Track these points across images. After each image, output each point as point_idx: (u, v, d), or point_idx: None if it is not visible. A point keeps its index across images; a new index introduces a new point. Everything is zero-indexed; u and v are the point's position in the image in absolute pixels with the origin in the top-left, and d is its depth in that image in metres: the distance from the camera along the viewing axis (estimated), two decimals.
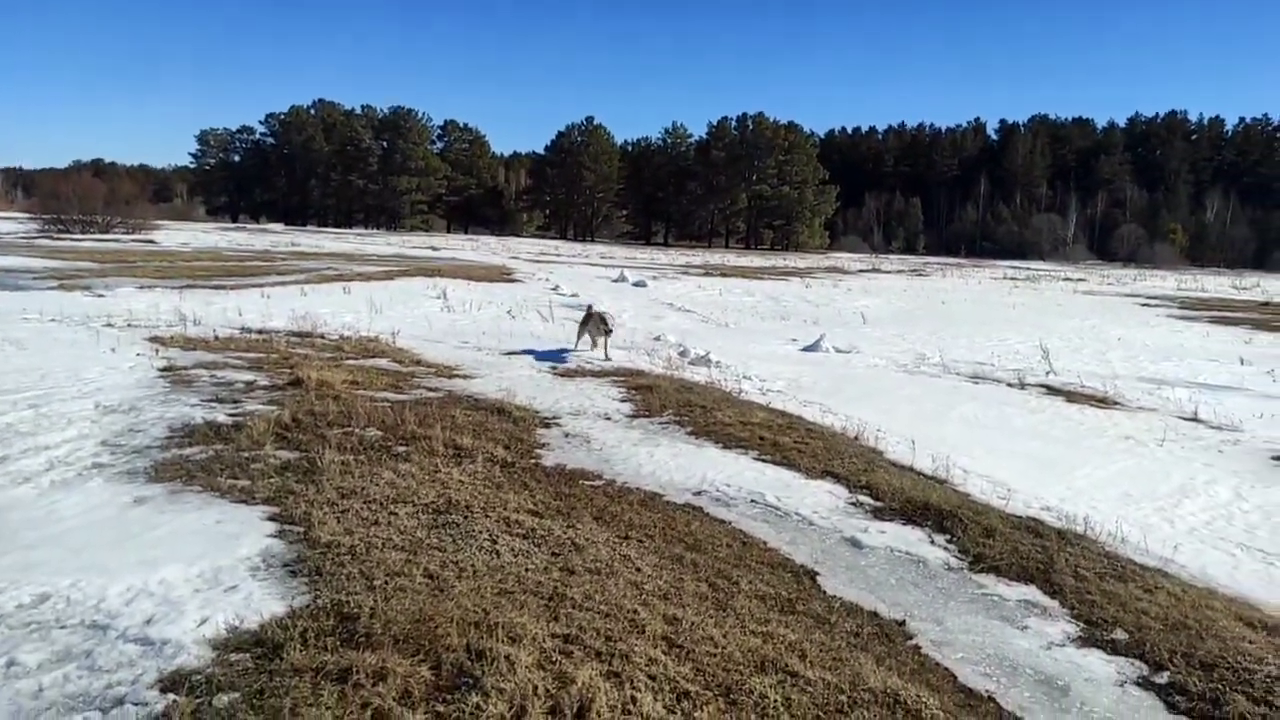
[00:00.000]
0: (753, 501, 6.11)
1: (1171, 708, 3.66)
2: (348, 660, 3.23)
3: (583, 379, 10.52)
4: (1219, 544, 6.10)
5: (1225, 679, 3.83)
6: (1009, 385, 12.61)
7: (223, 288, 19.56)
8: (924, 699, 3.38)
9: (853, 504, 6.22)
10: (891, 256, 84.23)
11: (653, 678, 3.27)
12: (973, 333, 19.17)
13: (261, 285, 20.38)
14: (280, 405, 7.52)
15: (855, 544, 5.41)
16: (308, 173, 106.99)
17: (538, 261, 41.16)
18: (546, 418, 8.19)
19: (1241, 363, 15.93)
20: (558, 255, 50.51)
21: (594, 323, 12.55)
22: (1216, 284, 48.26)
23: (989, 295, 33.08)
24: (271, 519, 4.87)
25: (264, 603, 3.80)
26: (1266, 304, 33.03)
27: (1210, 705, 3.64)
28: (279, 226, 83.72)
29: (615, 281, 29.64)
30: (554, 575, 4.30)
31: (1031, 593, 4.79)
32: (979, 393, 11.90)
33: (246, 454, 6.11)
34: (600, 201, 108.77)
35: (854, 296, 28.83)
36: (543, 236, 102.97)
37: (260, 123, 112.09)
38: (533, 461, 6.60)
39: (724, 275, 37.63)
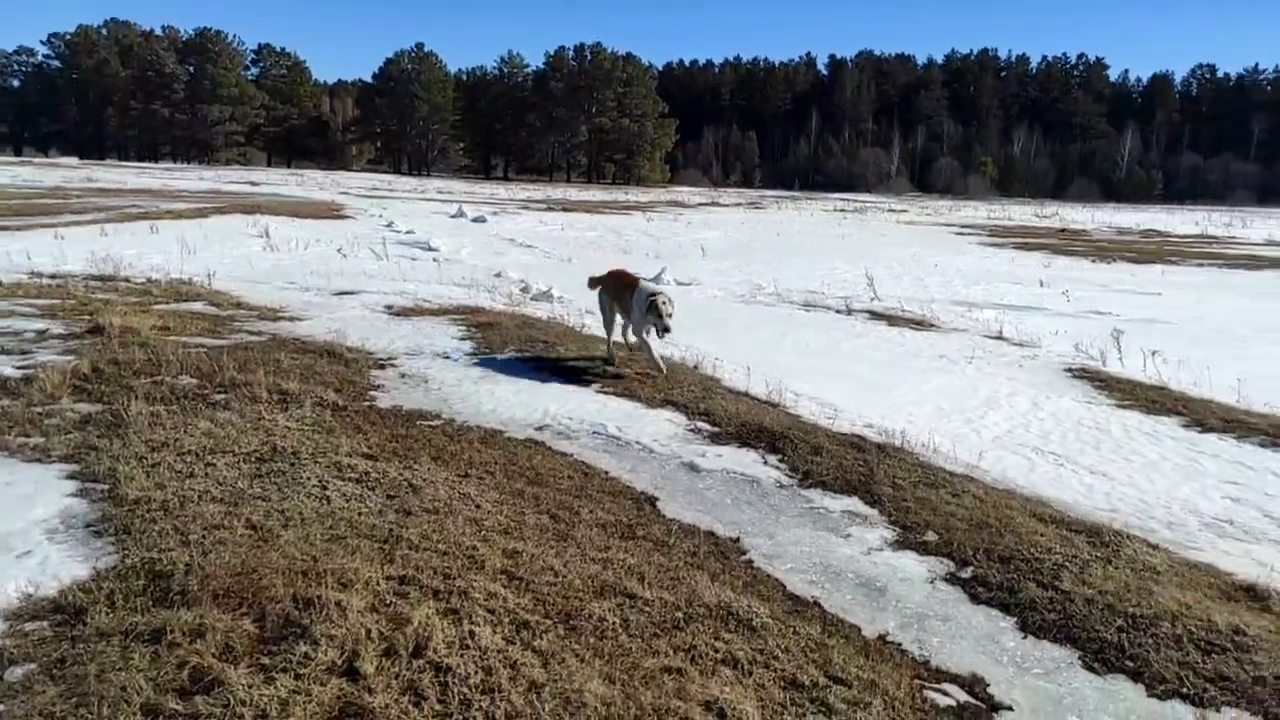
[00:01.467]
0: (595, 433, 6.15)
1: (974, 598, 4.00)
2: (160, 620, 3.03)
3: (420, 318, 10.20)
4: (1018, 450, 6.68)
5: (1020, 569, 4.22)
6: (838, 312, 13.24)
7: (6, 229, 17.55)
8: (755, 609, 3.54)
9: (692, 430, 6.38)
10: (730, 190, 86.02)
11: (492, 611, 3.26)
12: (805, 263, 19.94)
13: (54, 225, 18.43)
14: (78, 355, 6.87)
15: (693, 468, 5.56)
16: (103, 101, 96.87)
17: (370, 197, 39.32)
18: (381, 359, 7.89)
19: (1041, 285, 17.37)
20: (391, 190, 48.43)
21: (642, 307, 7.58)
22: (1021, 213, 52.27)
23: (820, 227, 34.44)
24: (71, 477, 4.46)
25: (63, 566, 3.49)
26: (1063, 230, 36.13)
27: (1007, 594, 4.01)
28: (73, 160, 75.63)
29: (454, 217, 28.77)
30: (389, 518, 4.18)
31: (854, 504, 5.09)
32: (810, 320, 12.43)
33: (39, 409, 5.56)
34: (435, 134, 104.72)
35: (694, 230, 29.30)
36: (375, 171, 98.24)
37: (42, 43, 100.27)
38: (366, 404, 6.35)
39: (566, 210, 37.29)
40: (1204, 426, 7.46)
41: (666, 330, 7.43)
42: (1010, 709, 3.16)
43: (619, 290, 8.18)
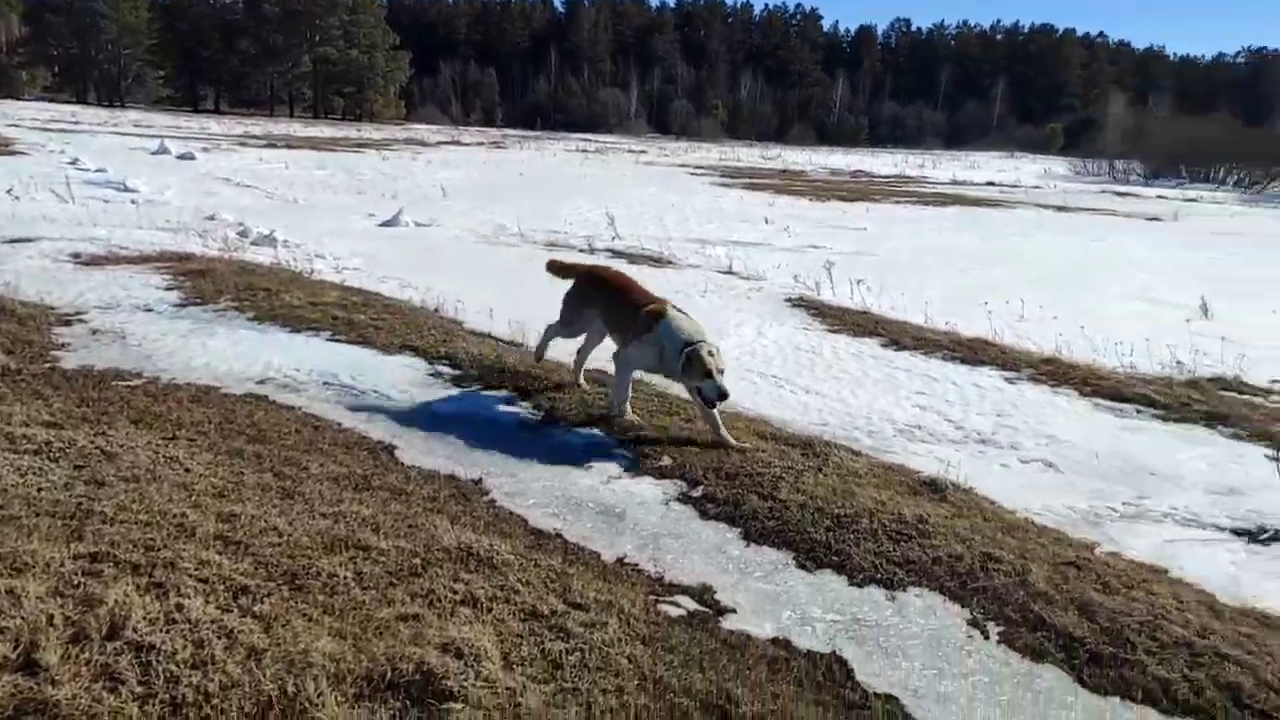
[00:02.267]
0: (326, 384, 5.81)
1: (704, 515, 4.26)
2: None
3: (115, 267, 9.04)
4: (745, 375, 7.15)
5: (744, 484, 4.54)
6: (580, 251, 13.38)
7: None
8: (496, 547, 3.53)
9: (433, 375, 6.20)
10: (471, 128, 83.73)
11: (204, 580, 2.99)
12: (549, 203, 19.93)
13: None
14: None
15: (435, 414, 5.41)
16: None
17: (49, 130, 34.09)
18: (67, 314, 6.92)
19: (766, 222, 18.59)
20: (76, 123, 42.25)
21: (674, 357, 5.07)
22: (749, 155, 55.55)
23: (563, 167, 34.54)
24: None
25: None
26: (784, 172, 38.84)
27: (733, 507, 4.30)
28: None
29: (155, 154, 25.66)
30: (78, 491, 3.69)
31: (596, 436, 5.21)
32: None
33: None
34: (129, 59, 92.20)
35: (434, 169, 28.27)
36: (54, 100, 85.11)
37: None
38: (48, 366, 5.56)
39: (290, 147, 34.51)
40: (899, 345, 8.38)
41: (721, 395, 4.93)
42: (734, 611, 3.40)
43: (614, 307, 5.58)
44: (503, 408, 5.63)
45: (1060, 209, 25.31)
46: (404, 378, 6.04)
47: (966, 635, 3.36)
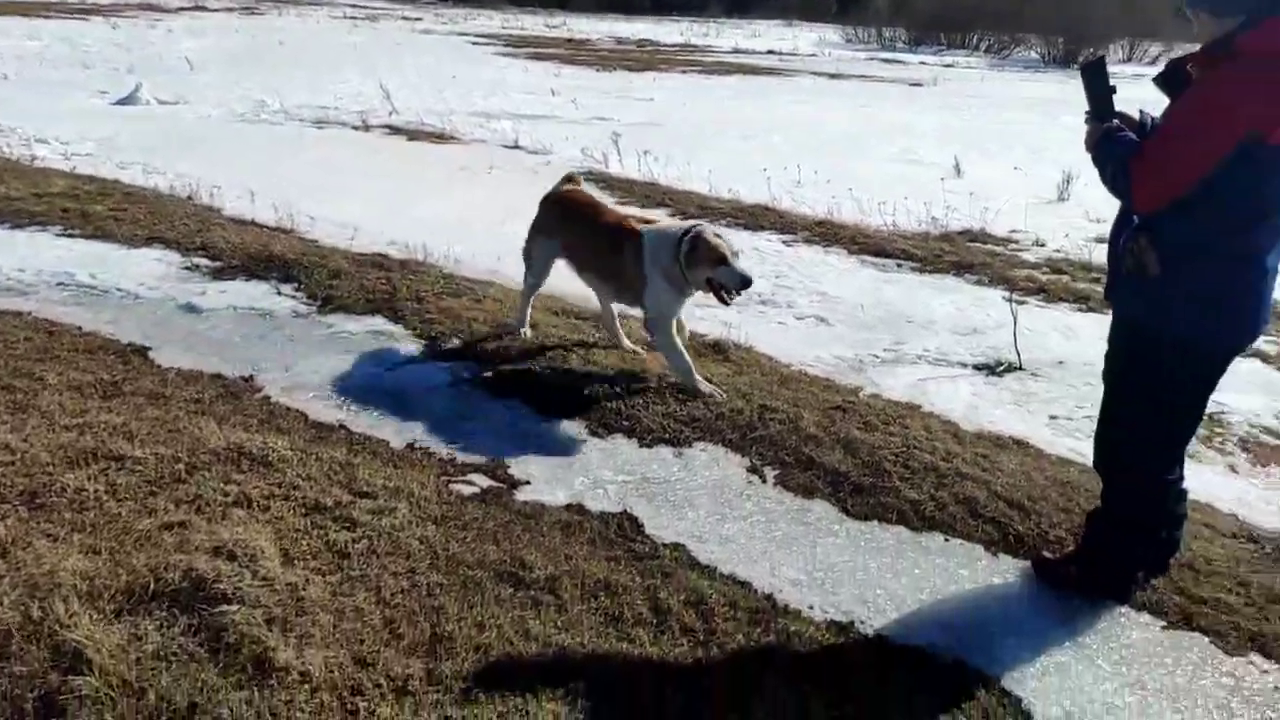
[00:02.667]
0: (60, 285, 5.16)
1: (495, 393, 4.22)
2: None
3: None
4: None
5: (536, 361, 4.52)
6: (354, 128, 12.48)
7: None
8: (272, 444, 3.34)
9: (188, 268, 5.66)
10: None
11: None
12: (315, 76, 18.29)
13: None
14: None
15: (193, 309, 4.97)
16: None
17: None
18: None
19: (553, 94, 18.06)
20: None
21: (665, 264, 4.15)
22: (533, 23, 53.24)
23: (329, 35, 31.67)
24: None
25: None
26: (570, 40, 37.66)
27: (524, 384, 4.28)
28: None
29: None
30: None
31: (378, 323, 4.98)
32: (324, 137, 11.56)
33: None
34: None
35: (177, 38, 25.07)
36: None
37: None
38: None
39: None
40: (685, 215, 8.52)
41: (745, 281, 4.00)
42: (528, 483, 3.44)
43: (586, 240, 4.53)
44: (274, 298, 5.25)
45: (834, 76, 26.27)
46: (154, 272, 5.48)
47: (746, 481, 3.59)
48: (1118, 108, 2.64)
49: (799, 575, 2.99)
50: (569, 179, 5.04)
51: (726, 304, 4.18)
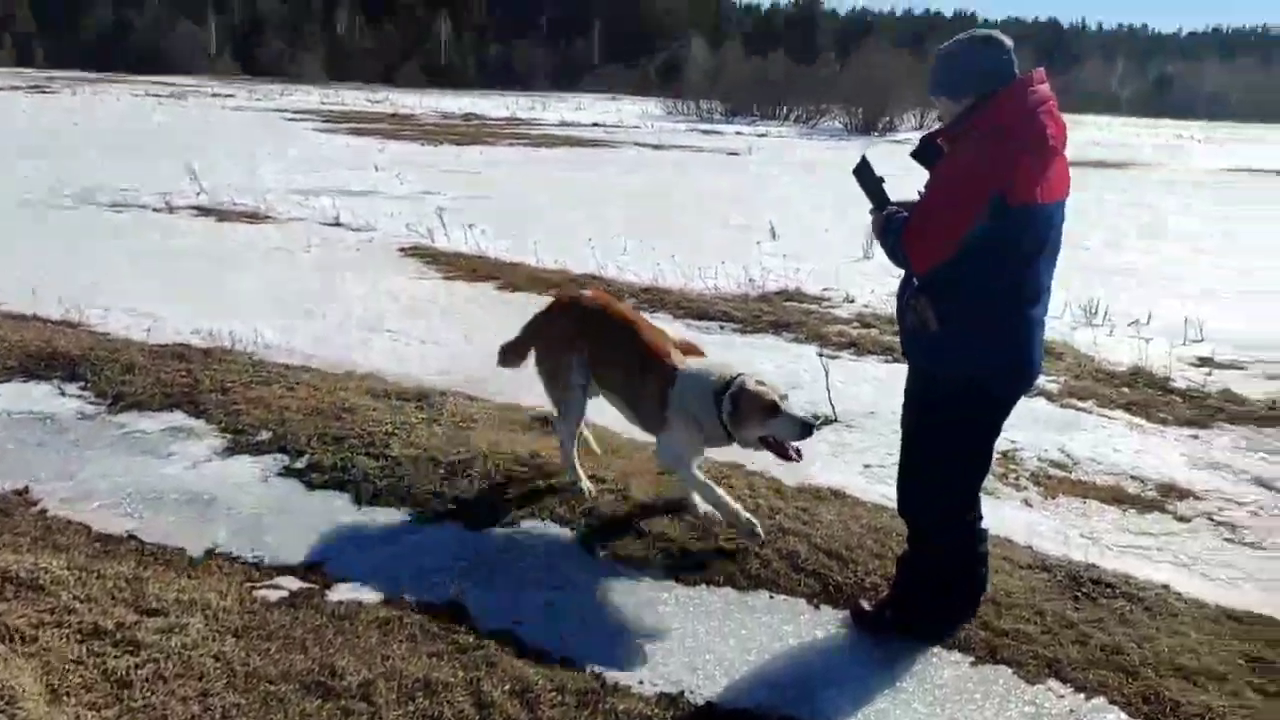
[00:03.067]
0: None
1: (310, 486, 4.00)
2: None
3: None
4: (357, 332, 6.81)
5: (353, 446, 4.32)
6: (156, 210, 11.80)
7: None
8: (44, 565, 2.99)
9: None
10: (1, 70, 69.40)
11: None
12: (113, 157, 17.25)
13: None
14: None
15: None
16: None
17: None
18: None
19: (376, 169, 17.79)
20: None
21: (746, 413, 3.42)
22: (355, 98, 52.55)
23: (131, 114, 30.05)
24: None
25: None
26: (394, 115, 37.39)
27: (342, 473, 4.08)
28: None
29: None
30: None
31: (178, 419, 4.64)
32: (124, 223, 10.86)
33: None
34: None
35: None
36: None
37: None
38: None
39: None
40: (514, 287, 8.54)
41: (807, 427, 3.42)
42: (345, 581, 3.25)
43: (613, 357, 3.85)
44: (57, 399, 4.80)
45: (657, 147, 27.35)
46: None
47: (578, 557, 3.54)
48: (911, 190, 2.89)
49: (630, 650, 2.95)
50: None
51: (792, 459, 3.42)
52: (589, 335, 3.84)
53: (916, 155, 2.84)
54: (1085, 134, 38.09)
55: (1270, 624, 3.31)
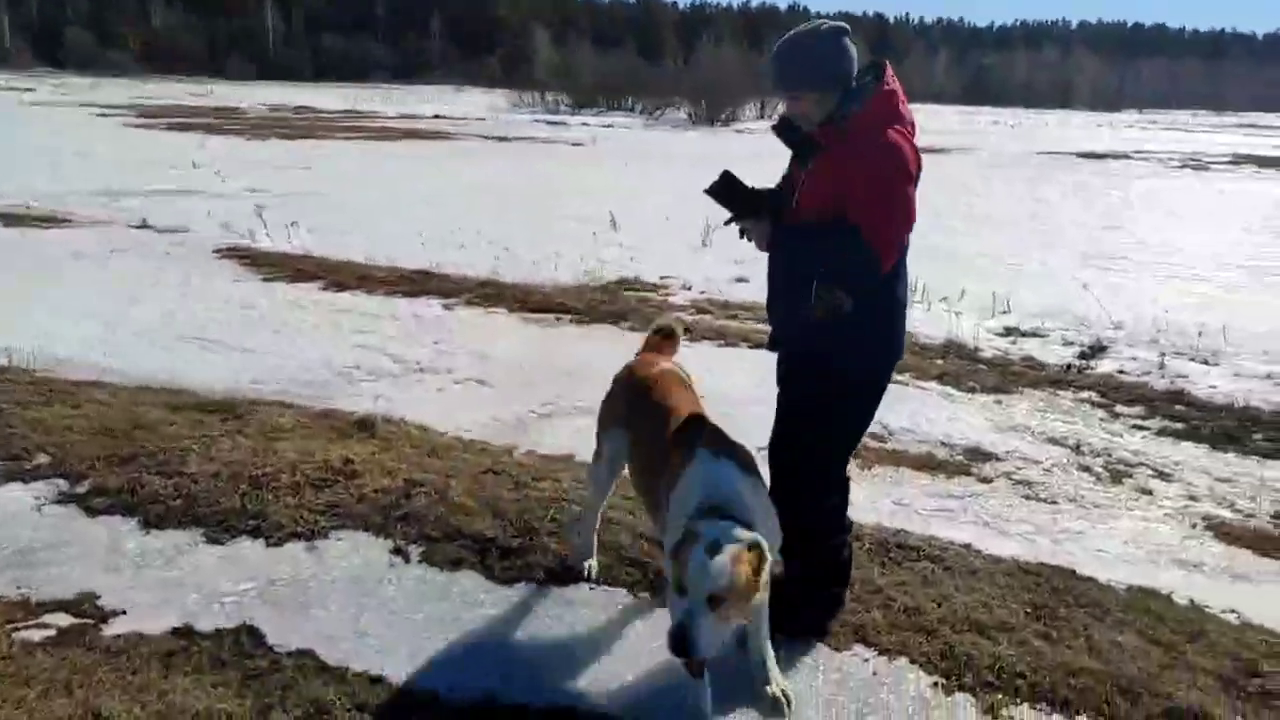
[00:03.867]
0: None
1: (91, 512, 3.65)
2: None
3: None
4: (161, 341, 6.34)
5: (144, 465, 3.98)
6: None
7: None
8: None
9: None
10: None
11: None
12: None
13: None
14: None
15: None
16: None
17: None
18: None
19: (195, 166, 16.67)
20: None
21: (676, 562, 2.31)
22: (175, 92, 49.18)
23: None
24: None
25: None
26: (219, 110, 35.23)
27: (129, 495, 3.75)
28: None
29: None
30: None
31: None
32: None
33: None
34: None
35: None
36: None
37: None
38: None
39: None
40: (341, 286, 8.18)
41: (676, 644, 2.24)
42: (124, 613, 2.98)
43: (646, 441, 2.95)
44: None
45: (501, 139, 26.96)
46: None
47: (389, 565, 3.38)
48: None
49: (440, 657, 2.84)
50: (662, 331, 3.46)
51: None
52: (633, 409, 3.11)
53: (793, 147, 2.84)
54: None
55: (1057, 574, 3.55)
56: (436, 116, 36.16)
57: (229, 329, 6.73)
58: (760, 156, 2.91)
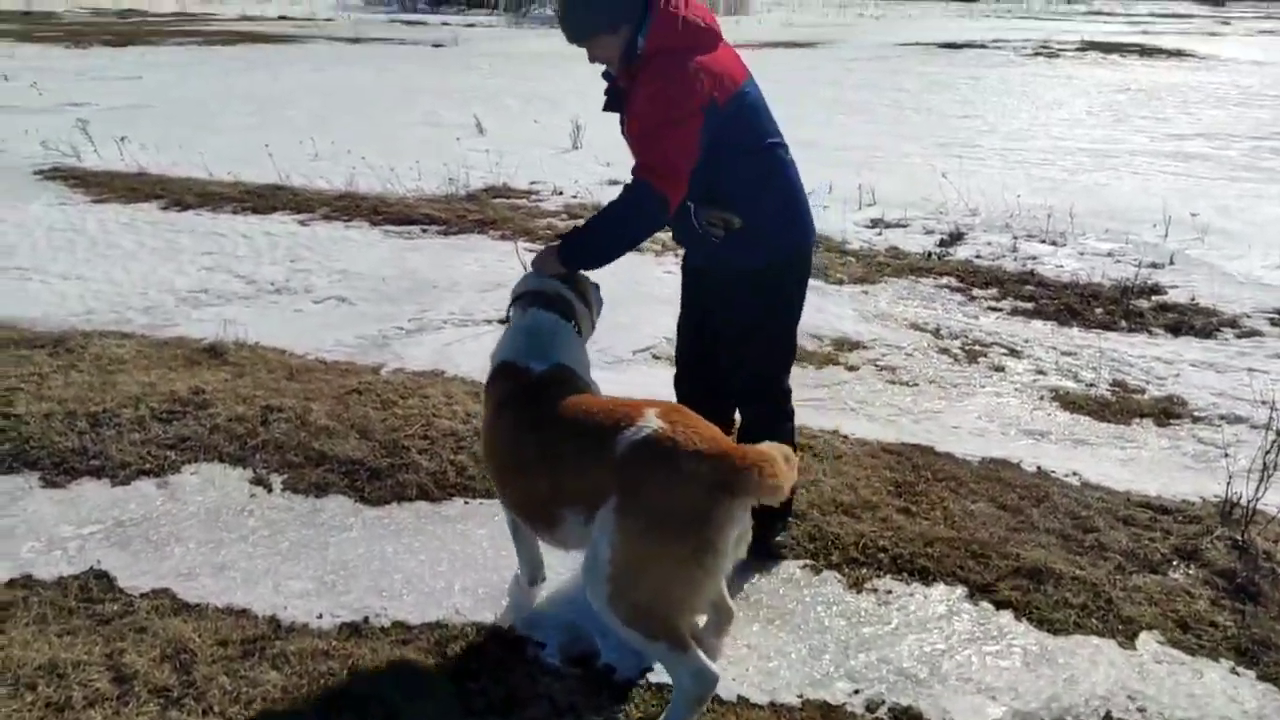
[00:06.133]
0: None
1: None
2: None
3: None
4: None
5: None
6: None
7: None
8: None
9: None
10: None
11: None
12: None
13: None
14: None
15: None
16: None
17: None
18: None
19: (4, 79, 15.00)
20: None
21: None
22: None
23: None
24: None
25: None
26: (29, 13, 31.60)
27: None
28: None
29: None
30: None
31: None
32: None
33: None
34: None
35: None
36: None
37: None
38: None
39: None
40: (182, 206, 7.58)
41: None
42: None
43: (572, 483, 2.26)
44: None
45: (354, 40, 25.27)
46: None
47: (249, 496, 3.23)
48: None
49: (307, 585, 2.74)
50: None
51: None
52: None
53: (608, 107, 2.71)
54: (781, 15, 40.10)
55: (916, 452, 3.72)
56: (281, 18, 33.53)
57: (53, 257, 6.16)
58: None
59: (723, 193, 2.62)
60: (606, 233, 2.60)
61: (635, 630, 2.10)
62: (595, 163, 9.42)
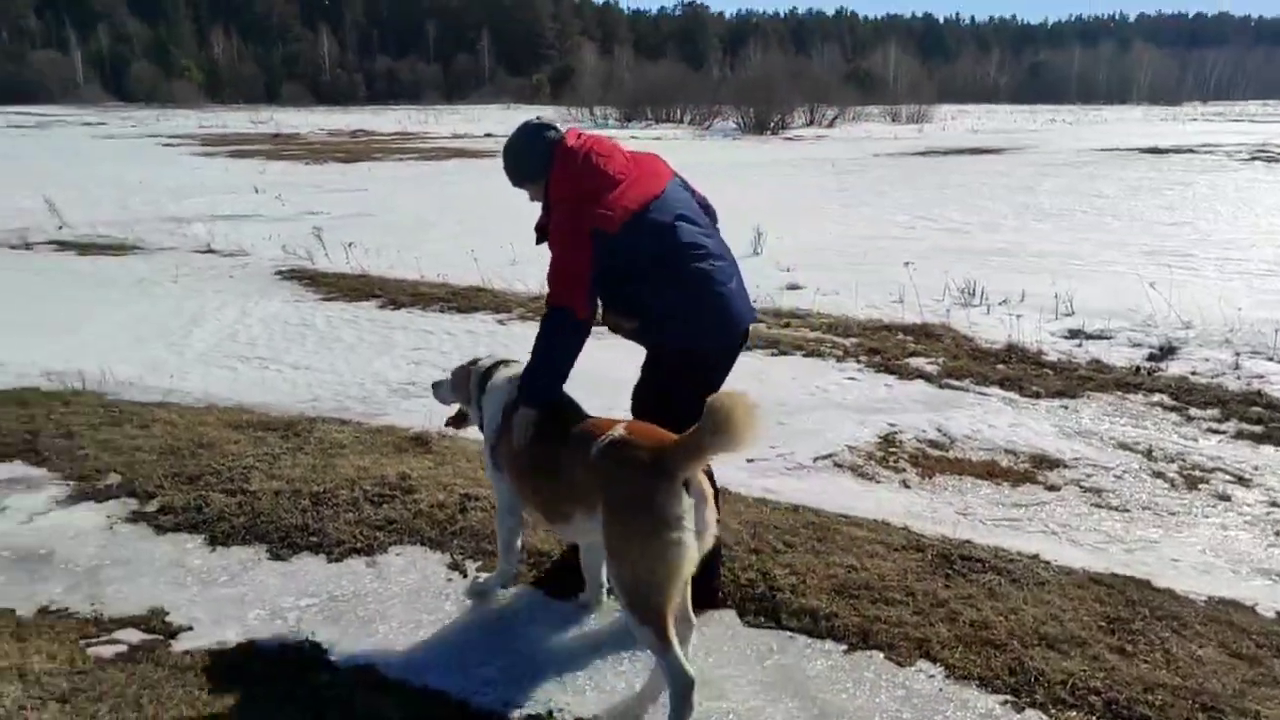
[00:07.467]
0: None
1: (160, 529, 3.74)
2: None
3: None
4: (224, 362, 6.50)
5: (209, 484, 4.08)
6: (12, 248, 11.08)
7: None
8: None
9: None
10: None
11: None
12: None
13: None
14: None
15: None
16: None
17: None
18: None
19: (256, 191, 17.16)
20: None
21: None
22: (236, 120, 50.76)
23: None
24: None
25: None
26: (277, 136, 36.23)
27: (195, 513, 3.84)
28: None
29: None
30: None
31: (15, 469, 4.30)
32: None
33: None
34: None
35: None
36: None
37: None
38: None
39: None
40: (396, 304, 8.30)
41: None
42: (191, 629, 3.04)
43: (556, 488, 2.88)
44: None
45: None
46: None
47: (446, 579, 3.40)
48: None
49: (494, 673, 2.83)
50: None
51: None
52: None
53: (539, 242, 3.13)
54: (966, 123, 39.65)
55: (1130, 585, 3.41)
56: (487, 135, 36.63)
57: (287, 348, 6.88)
58: (813, 161, 2.84)
59: (621, 298, 2.99)
60: (544, 366, 2.98)
61: (633, 615, 2.49)
62: (774, 267, 9.56)
